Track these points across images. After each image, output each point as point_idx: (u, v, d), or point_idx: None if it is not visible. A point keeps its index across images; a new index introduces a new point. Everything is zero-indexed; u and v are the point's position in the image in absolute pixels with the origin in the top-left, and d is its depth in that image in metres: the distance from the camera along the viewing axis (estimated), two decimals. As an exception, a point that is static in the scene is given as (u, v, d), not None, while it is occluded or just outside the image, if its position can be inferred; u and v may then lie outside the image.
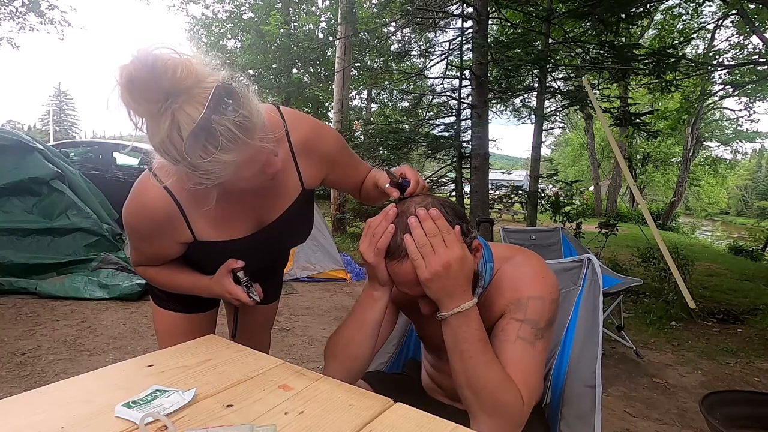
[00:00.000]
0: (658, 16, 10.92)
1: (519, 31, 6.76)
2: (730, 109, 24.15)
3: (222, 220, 0.97)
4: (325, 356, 0.95)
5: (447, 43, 7.59)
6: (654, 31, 12.16)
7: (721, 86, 12.57)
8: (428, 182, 7.68)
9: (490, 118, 6.07)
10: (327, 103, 13.97)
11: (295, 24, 14.43)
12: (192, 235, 0.96)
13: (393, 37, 9.64)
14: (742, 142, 22.86)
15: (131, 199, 0.94)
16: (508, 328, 0.84)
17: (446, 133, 6.98)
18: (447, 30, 8.03)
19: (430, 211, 0.75)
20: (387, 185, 0.93)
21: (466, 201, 6.45)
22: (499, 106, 8.28)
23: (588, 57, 6.13)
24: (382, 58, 10.86)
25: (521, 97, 7.97)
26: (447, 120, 7.17)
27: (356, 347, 0.90)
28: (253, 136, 0.73)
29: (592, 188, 20.26)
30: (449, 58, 7.27)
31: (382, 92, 12.83)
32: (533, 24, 6.80)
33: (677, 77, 6.14)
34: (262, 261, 1.11)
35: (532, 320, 0.83)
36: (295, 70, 14.45)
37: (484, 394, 0.76)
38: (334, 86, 8.80)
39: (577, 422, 1.03)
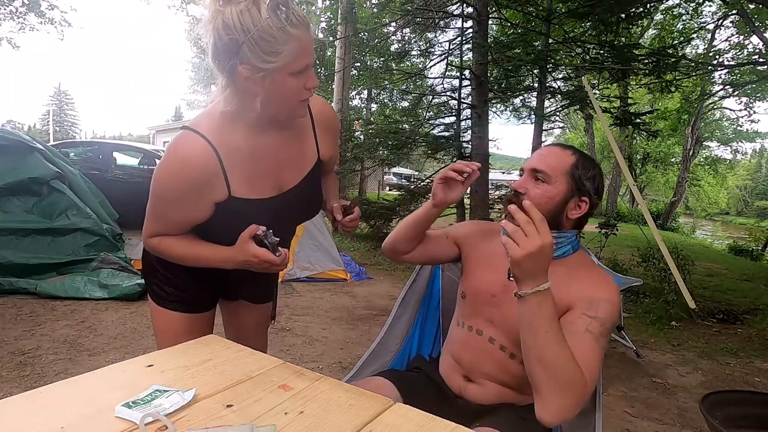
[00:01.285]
0: (658, 16, 10.92)
1: (519, 31, 6.76)
2: (730, 109, 24.11)
3: (251, 178, 1.00)
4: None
5: (447, 43, 7.61)
6: (654, 31, 12.16)
7: (721, 86, 12.57)
8: (428, 182, 7.69)
9: (490, 118, 6.08)
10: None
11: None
12: (227, 189, 0.97)
13: (393, 37, 9.65)
14: (742, 142, 22.87)
15: (170, 158, 0.95)
16: (578, 321, 0.90)
17: (446, 133, 6.99)
18: (447, 30, 8.04)
19: (524, 203, 0.83)
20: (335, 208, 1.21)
21: (466, 201, 6.46)
22: (499, 106, 8.29)
23: (588, 57, 6.14)
24: (382, 58, 10.86)
25: (521, 97, 7.98)
26: (447, 120, 7.17)
27: (402, 229, 1.18)
28: (310, 28, 0.87)
29: (592, 188, 20.23)
30: (449, 58, 7.28)
31: (382, 92, 12.84)
32: (533, 24, 6.80)
33: (677, 77, 6.14)
34: (277, 232, 1.09)
35: (602, 319, 0.91)
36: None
37: (554, 371, 0.81)
38: (334, 86, 8.80)
39: (577, 422, 1.03)
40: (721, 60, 10.38)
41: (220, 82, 0.92)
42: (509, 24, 7.03)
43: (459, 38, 6.90)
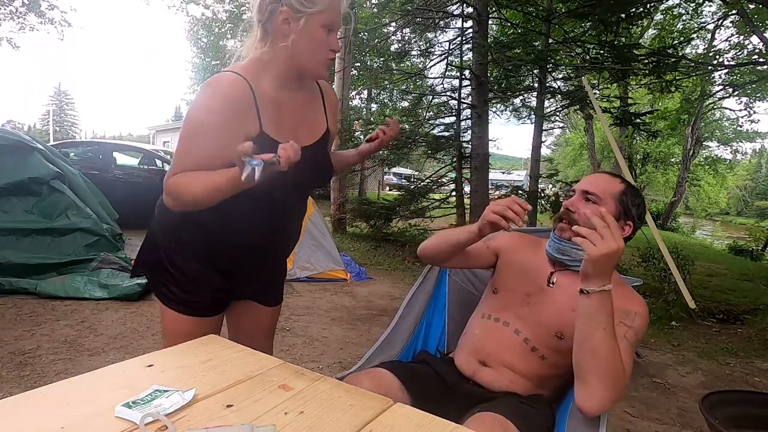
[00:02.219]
0: (658, 16, 10.92)
1: (519, 31, 6.76)
2: (730, 109, 24.11)
3: (278, 123, 1.05)
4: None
5: (447, 43, 7.61)
6: (654, 31, 12.16)
7: (721, 86, 12.56)
8: (428, 182, 7.68)
9: (490, 118, 6.08)
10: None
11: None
12: (259, 124, 1.01)
13: (393, 37, 9.65)
14: (742, 142, 22.86)
15: (207, 90, 1.00)
16: (618, 328, 0.97)
17: (446, 133, 6.99)
18: (447, 30, 8.05)
19: (600, 210, 0.93)
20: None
21: (466, 201, 6.46)
22: (499, 106, 8.29)
23: (588, 57, 6.14)
24: (382, 58, 10.86)
25: (521, 97, 7.97)
26: (447, 120, 7.18)
27: (438, 241, 1.24)
28: None
29: (592, 188, 20.23)
30: (449, 58, 7.28)
31: (382, 92, 12.84)
32: (533, 24, 6.80)
33: (677, 77, 6.14)
34: (291, 194, 1.12)
35: (636, 329, 1.04)
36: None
37: (606, 363, 0.91)
38: (334, 86, 8.80)
39: (581, 418, 1.04)
40: (721, 60, 10.38)
41: (255, 33, 1.04)
42: (509, 24, 7.03)
43: (459, 38, 6.90)
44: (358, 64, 11.29)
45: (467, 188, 6.33)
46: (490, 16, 6.07)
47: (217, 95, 0.99)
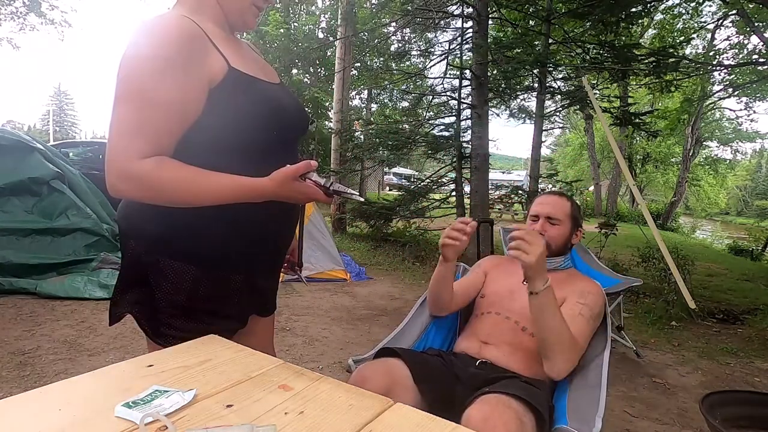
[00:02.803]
0: (658, 16, 10.92)
1: (519, 31, 6.76)
2: (730, 109, 24.19)
3: (243, 57, 0.92)
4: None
5: (447, 43, 7.61)
6: (654, 31, 12.16)
7: (721, 86, 12.56)
8: (428, 182, 7.67)
9: (490, 118, 6.07)
10: (327, 103, 13.98)
11: (295, 24, 14.41)
12: (226, 61, 0.85)
13: (393, 37, 9.65)
14: (742, 142, 22.87)
15: (148, 35, 0.80)
16: (573, 306, 1.25)
17: (446, 133, 6.99)
18: (447, 30, 8.04)
19: (518, 232, 1.15)
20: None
21: (466, 201, 6.46)
22: (499, 106, 8.29)
23: (588, 57, 6.14)
24: (382, 58, 10.86)
25: (521, 97, 7.97)
26: (447, 120, 7.18)
27: (433, 288, 1.41)
28: None
29: (592, 188, 20.26)
30: (449, 58, 7.27)
31: (382, 92, 12.84)
32: (533, 24, 6.80)
33: (677, 77, 6.14)
34: (293, 152, 0.99)
35: (590, 305, 1.27)
36: (295, 71, 14.46)
37: (558, 338, 1.14)
38: (334, 86, 8.80)
39: (578, 421, 1.04)
40: (721, 60, 10.38)
41: None
42: (509, 24, 7.03)
43: (459, 38, 6.90)
44: (358, 64, 11.29)
45: (467, 188, 6.33)
46: (490, 16, 6.06)
47: (164, 33, 0.80)
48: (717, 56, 10.87)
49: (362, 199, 0.98)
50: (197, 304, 0.90)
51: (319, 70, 14.74)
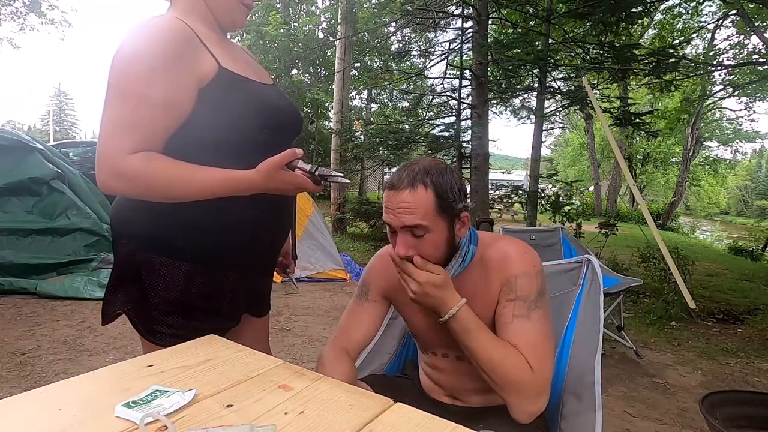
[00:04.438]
0: (658, 16, 10.93)
1: (519, 31, 6.76)
2: (730, 109, 24.22)
3: (234, 58, 0.93)
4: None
5: (447, 43, 7.62)
6: (654, 31, 12.17)
7: (721, 86, 12.57)
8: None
9: (490, 118, 6.08)
10: (327, 103, 13.97)
11: (295, 24, 14.42)
12: (215, 60, 0.86)
13: (393, 37, 9.66)
14: (742, 142, 22.89)
15: (140, 36, 0.82)
16: (505, 312, 0.94)
17: (446, 133, 6.99)
18: (447, 30, 8.05)
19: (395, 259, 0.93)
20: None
21: (466, 201, 6.44)
22: (499, 106, 8.29)
23: (588, 57, 6.14)
24: (382, 58, 10.86)
25: (521, 97, 7.97)
26: (447, 120, 7.18)
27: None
28: None
29: (592, 188, 20.27)
30: (449, 58, 7.27)
31: (382, 92, 12.85)
32: (533, 24, 6.80)
33: (677, 77, 6.14)
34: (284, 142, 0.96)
35: (522, 296, 0.94)
36: (295, 71, 14.45)
37: (496, 371, 0.87)
38: (334, 86, 8.80)
39: (577, 421, 1.03)
40: (721, 60, 10.38)
41: None
42: (509, 24, 7.03)
43: (459, 38, 6.90)
44: (358, 64, 11.29)
45: (467, 188, 6.33)
46: (490, 16, 6.06)
47: (155, 34, 0.81)
48: (717, 56, 10.87)
49: (348, 181, 0.90)
50: (190, 301, 0.90)
51: (319, 70, 14.74)
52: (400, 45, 9.32)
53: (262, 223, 0.96)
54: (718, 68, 9.57)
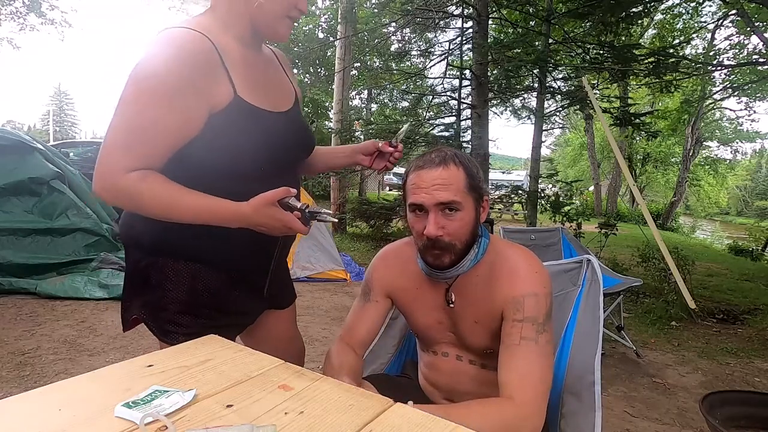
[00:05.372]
0: (658, 16, 10.93)
1: (519, 31, 6.76)
2: (730, 109, 24.20)
3: (254, 85, 0.92)
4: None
5: (447, 43, 7.60)
6: (654, 31, 12.17)
7: (721, 86, 12.57)
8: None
9: (490, 118, 6.08)
10: (327, 103, 13.96)
11: (295, 24, 14.41)
12: (232, 87, 0.86)
13: (393, 37, 9.64)
14: (742, 142, 22.87)
15: (159, 49, 0.81)
16: (513, 332, 0.91)
17: (446, 133, 6.99)
18: (447, 30, 8.04)
19: None
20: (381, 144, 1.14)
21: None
22: (499, 106, 8.28)
23: (588, 57, 6.13)
24: (382, 58, 10.86)
25: (521, 98, 7.96)
26: (447, 120, 7.17)
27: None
28: None
29: (592, 188, 20.26)
30: (449, 58, 7.27)
31: (382, 92, 12.83)
32: (533, 24, 6.80)
33: (677, 77, 6.14)
34: (286, 173, 0.99)
35: (531, 317, 0.91)
36: (295, 71, 14.41)
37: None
38: (334, 86, 8.80)
39: (576, 421, 1.03)
40: (721, 60, 10.38)
41: None
42: (509, 24, 7.03)
43: (459, 38, 6.90)
44: (358, 64, 11.29)
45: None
46: (490, 16, 6.06)
47: (175, 53, 0.81)
48: (717, 56, 10.88)
49: (335, 220, 0.90)
50: (198, 300, 0.93)
51: (319, 70, 14.73)
52: (400, 45, 9.30)
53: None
54: (718, 68, 9.58)
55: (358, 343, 1.08)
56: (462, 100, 6.71)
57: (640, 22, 7.79)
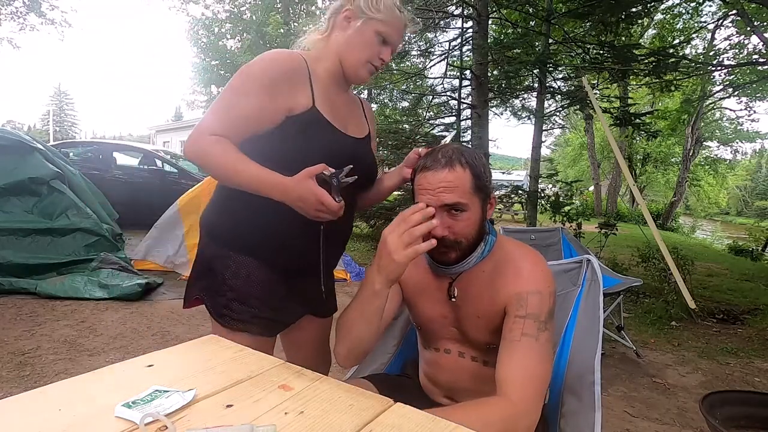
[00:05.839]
0: (658, 16, 10.93)
1: (519, 31, 6.76)
2: (730, 109, 24.17)
3: (332, 106, 1.07)
4: (336, 336, 1.04)
5: (447, 44, 7.60)
6: (654, 31, 12.17)
7: (721, 86, 12.57)
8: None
9: (490, 118, 6.07)
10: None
11: (295, 24, 14.42)
12: (312, 97, 1.02)
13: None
14: (742, 142, 22.85)
15: (262, 57, 1.02)
16: (514, 328, 0.92)
17: (446, 133, 6.99)
18: (447, 30, 8.03)
19: None
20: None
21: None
22: (499, 106, 8.28)
23: (588, 57, 6.13)
24: (382, 58, 10.81)
25: (521, 98, 7.96)
26: (447, 120, 7.17)
27: (358, 332, 0.99)
28: (406, 28, 1.11)
29: (592, 188, 20.26)
30: (449, 58, 7.27)
31: (382, 92, 12.81)
32: (533, 24, 6.80)
33: (677, 77, 6.14)
34: (346, 193, 1.04)
35: (533, 314, 0.92)
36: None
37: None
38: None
39: (576, 421, 1.03)
40: (721, 60, 10.38)
41: (321, 26, 1.13)
42: (509, 24, 7.03)
43: (459, 38, 6.90)
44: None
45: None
46: (490, 16, 6.06)
47: (273, 61, 1.01)
48: (717, 56, 10.87)
49: (356, 177, 0.97)
50: (250, 291, 1.05)
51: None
52: (400, 45, 9.30)
53: (312, 237, 1.06)
54: (718, 68, 9.57)
55: None
56: (462, 100, 6.71)
57: (640, 22, 7.79)
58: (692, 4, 9.94)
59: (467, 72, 6.46)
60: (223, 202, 1.09)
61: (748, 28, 7.60)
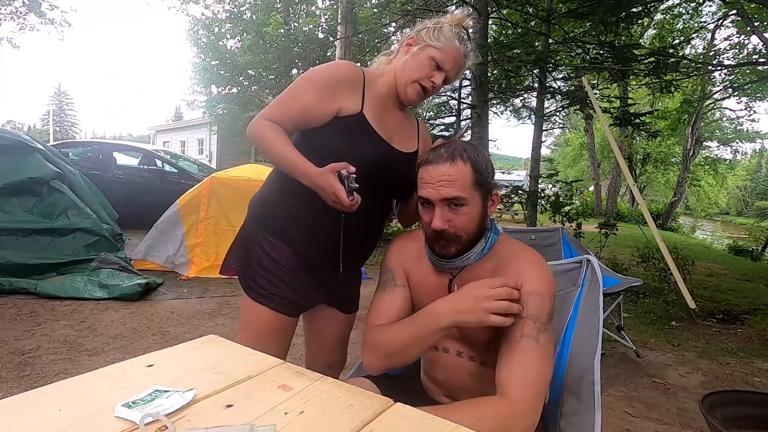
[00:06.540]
0: (658, 16, 10.93)
1: (519, 31, 6.76)
2: (730, 109, 24.18)
3: (379, 115, 1.18)
4: (375, 349, 1.03)
5: (447, 43, 7.60)
6: (654, 31, 12.16)
7: (721, 86, 12.56)
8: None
9: (490, 118, 6.07)
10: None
11: (295, 24, 14.40)
12: (361, 104, 1.14)
13: (393, 37, 9.63)
14: (742, 142, 22.83)
15: (327, 63, 1.18)
16: (514, 328, 0.91)
17: (446, 133, 6.99)
18: (447, 30, 8.02)
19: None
20: None
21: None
22: (499, 106, 8.28)
23: (588, 57, 6.13)
24: (382, 58, 10.81)
25: (521, 98, 7.96)
26: (447, 120, 7.17)
27: (411, 354, 1.01)
28: (465, 60, 1.21)
29: (592, 188, 20.25)
30: (449, 58, 7.26)
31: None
32: (533, 24, 6.80)
33: (677, 77, 6.13)
34: (373, 199, 1.15)
35: (534, 315, 0.91)
36: (295, 71, 14.44)
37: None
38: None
39: (576, 421, 1.03)
40: (721, 60, 10.38)
41: (390, 51, 1.28)
42: (509, 24, 7.03)
43: (459, 38, 6.89)
44: (359, 64, 11.27)
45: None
46: (490, 16, 6.06)
47: (336, 66, 1.19)
48: (717, 56, 10.87)
49: (357, 185, 1.04)
50: (277, 272, 1.18)
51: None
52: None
53: (334, 233, 1.17)
54: (718, 68, 9.57)
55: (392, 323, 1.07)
56: (462, 100, 6.71)
57: (640, 22, 7.78)
58: (692, 5, 9.94)
59: (467, 72, 6.45)
60: (269, 191, 1.25)
61: (748, 28, 7.59)
